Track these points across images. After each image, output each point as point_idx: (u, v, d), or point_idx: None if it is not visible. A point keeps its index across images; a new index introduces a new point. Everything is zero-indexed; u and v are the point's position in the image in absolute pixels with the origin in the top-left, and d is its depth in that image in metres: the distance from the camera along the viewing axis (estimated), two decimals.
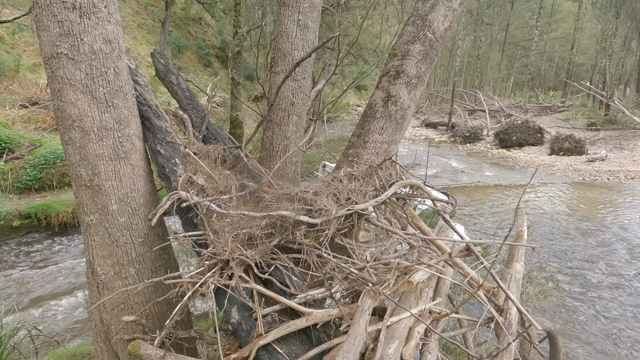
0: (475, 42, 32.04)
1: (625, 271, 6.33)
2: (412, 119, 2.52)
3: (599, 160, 15.58)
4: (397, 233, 1.94)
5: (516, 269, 2.26)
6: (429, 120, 26.41)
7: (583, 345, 4.69)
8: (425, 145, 20.28)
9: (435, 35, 2.38)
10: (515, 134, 19.21)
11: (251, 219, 2.17)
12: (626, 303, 5.47)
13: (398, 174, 2.10)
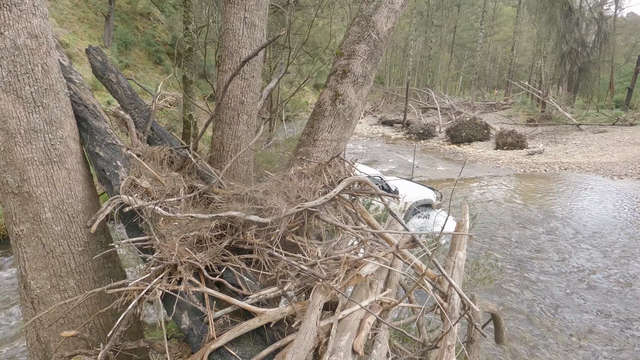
0: (427, 43, 33.51)
1: (559, 252, 6.96)
2: (360, 117, 2.59)
3: (537, 153, 16.97)
4: (345, 228, 1.99)
5: (459, 257, 2.41)
6: (386, 118, 27.22)
7: (523, 320, 5.10)
8: (383, 142, 20.90)
9: (379, 36, 2.46)
10: (465, 130, 20.35)
11: (200, 221, 2.12)
12: (558, 280, 6.02)
13: (346, 171, 2.15)
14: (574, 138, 18.65)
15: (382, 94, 33.66)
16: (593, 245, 7.33)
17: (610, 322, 5.06)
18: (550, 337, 4.80)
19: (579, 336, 4.83)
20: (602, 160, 14.90)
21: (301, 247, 2.06)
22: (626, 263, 6.60)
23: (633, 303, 5.47)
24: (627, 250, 7.08)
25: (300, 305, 1.95)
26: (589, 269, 6.41)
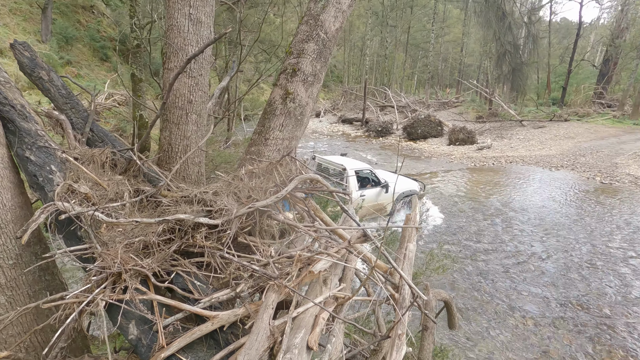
0: (382, 43, 34.41)
1: (505, 238, 7.48)
2: (311, 115, 2.61)
3: (486, 148, 18.08)
4: (296, 226, 2.00)
5: (409, 249, 2.51)
6: (345, 117, 27.61)
7: (473, 303, 5.43)
8: (343, 140, 21.19)
9: (327, 35, 2.49)
10: (420, 127, 21.18)
11: (146, 225, 2.03)
12: (505, 263, 6.48)
13: (298, 169, 2.16)
14: (517, 133, 20.09)
15: (341, 93, 34.11)
16: (534, 229, 7.96)
17: (550, 303, 5.53)
18: (498, 318, 5.15)
19: (523, 313, 5.23)
20: (541, 153, 16.20)
21: (254, 248, 2.04)
22: (563, 245, 7.24)
23: (568, 282, 6.02)
24: (561, 232, 7.76)
25: (254, 306, 1.93)
26: (532, 251, 6.95)
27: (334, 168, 8.18)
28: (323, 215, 2.23)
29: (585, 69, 31.39)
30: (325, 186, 2.15)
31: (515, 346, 4.64)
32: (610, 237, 7.65)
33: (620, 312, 5.30)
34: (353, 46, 44.22)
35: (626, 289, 5.84)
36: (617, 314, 5.25)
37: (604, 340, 4.75)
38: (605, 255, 6.89)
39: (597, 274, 6.27)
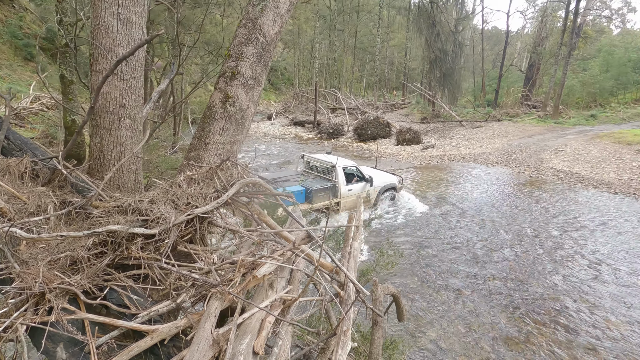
0: (331, 46, 35.06)
1: (448, 230, 7.98)
2: (253, 118, 2.59)
3: (430, 147, 19.13)
4: (238, 231, 1.98)
5: (354, 247, 2.59)
6: (297, 119, 27.67)
7: (422, 295, 5.73)
8: (295, 142, 21.22)
9: (266, 39, 2.49)
10: (370, 128, 21.86)
11: (74, 239, 1.88)
12: (449, 255, 6.91)
13: (239, 174, 2.14)
14: (458, 133, 21.51)
15: (293, 95, 34.16)
16: (472, 219, 8.59)
17: (484, 284, 6.00)
18: (445, 306, 5.48)
19: (464, 297, 5.61)
20: (479, 151, 17.52)
21: (195, 256, 1.99)
22: (495, 233, 7.89)
23: (503, 266, 6.57)
24: (495, 220, 8.47)
25: (196, 315, 1.88)
26: (473, 240, 7.48)
27: (323, 166, 8.78)
28: (267, 219, 2.22)
29: (514, 74, 34.54)
30: (268, 189, 2.15)
31: (458, 330, 4.97)
32: (536, 222, 8.49)
33: (536, 282, 5.89)
34: (303, 49, 44.52)
35: (542, 265, 6.52)
36: (532, 283, 5.83)
37: (517, 303, 5.26)
38: (529, 237, 7.63)
39: (524, 253, 6.92)
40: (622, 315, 5.23)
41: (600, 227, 8.28)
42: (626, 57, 27.10)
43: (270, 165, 14.56)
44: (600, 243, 7.50)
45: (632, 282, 6.05)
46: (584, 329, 4.95)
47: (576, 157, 14.96)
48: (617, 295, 5.70)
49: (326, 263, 2.29)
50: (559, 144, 17.11)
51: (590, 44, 38.93)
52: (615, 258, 6.87)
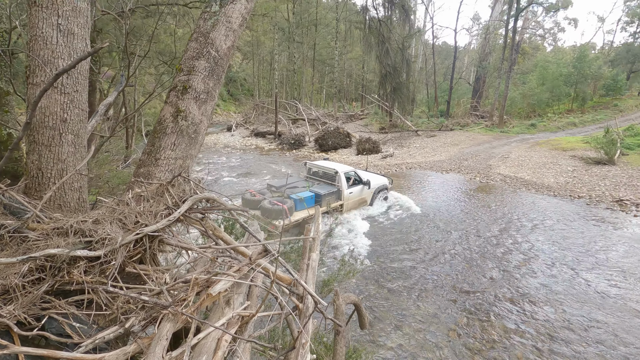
0: (291, 58, 35.39)
1: (407, 235, 8.27)
2: (206, 132, 2.56)
3: (389, 156, 19.79)
4: (191, 248, 1.94)
5: (312, 258, 2.62)
6: (258, 130, 27.48)
7: (382, 301, 5.85)
8: (257, 153, 21.01)
9: (219, 53, 2.49)
10: (331, 139, 22.22)
11: (6, 266, 1.73)
12: (405, 257, 7.15)
13: (192, 189, 2.09)
14: (414, 142, 22.47)
15: (253, 106, 33.92)
16: (431, 224, 8.96)
17: (446, 290, 6.26)
18: (404, 310, 5.63)
19: (422, 300, 5.81)
20: (434, 159, 18.39)
21: (145, 277, 1.90)
22: (450, 235, 8.30)
23: (462, 270, 6.90)
24: (451, 223, 8.91)
25: (147, 340, 1.79)
26: (430, 244, 7.79)
27: (325, 172, 9.68)
28: (223, 234, 2.19)
29: (463, 86, 36.88)
30: (223, 205, 2.13)
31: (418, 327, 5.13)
32: (485, 224, 9.04)
33: (487, 281, 6.27)
34: (262, 60, 44.51)
35: (484, 259, 6.95)
36: (482, 282, 6.20)
37: (472, 302, 5.56)
38: (479, 238, 8.11)
39: (477, 254, 7.33)
40: (550, 302, 5.68)
41: (539, 226, 8.98)
42: (558, 71, 29.97)
43: (232, 177, 14.28)
44: (538, 240, 8.12)
45: (561, 272, 6.61)
46: (528, 321, 5.31)
47: (520, 163, 16.18)
48: (546, 284, 6.19)
49: (284, 276, 2.29)
50: (504, 152, 18.42)
51: (528, 59, 42.64)
52: (547, 251, 7.47)
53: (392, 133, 24.98)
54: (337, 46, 29.80)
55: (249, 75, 49.00)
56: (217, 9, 2.51)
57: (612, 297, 5.86)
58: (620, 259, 7.17)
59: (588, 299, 5.81)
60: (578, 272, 6.65)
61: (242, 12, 2.57)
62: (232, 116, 39.17)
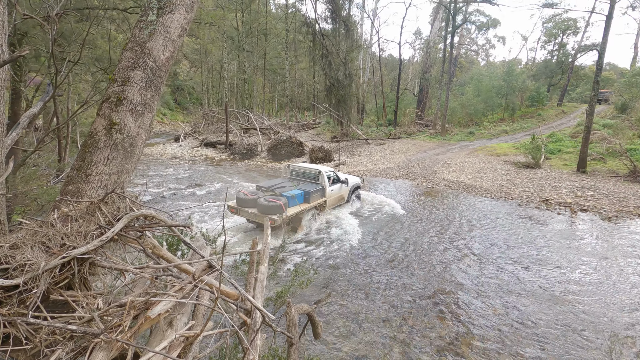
0: (241, 67, 34.96)
1: (357, 241, 8.46)
2: (143, 146, 2.44)
3: (341, 164, 20.19)
4: (127, 269, 1.82)
5: (261, 271, 2.58)
6: (208, 140, 26.65)
7: (336, 307, 5.91)
8: (207, 164, 20.32)
9: (157, 64, 2.40)
10: (283, 148, 22.19)
11: None
12: (356, 263, 7.31)
13: (128, 206, 1.98)
14: (365, 150, 23.19)
15: (202, 115, 32.88)
16: (382, 229, 9.27)
17: (397, 297, 6.49)
18: (358, 315, 5.73)
19: (374, 304, 5.96)
20: (384, 166, 19.11)
21: (73, 304, 1.75)
22: (399, 239, 8.64)
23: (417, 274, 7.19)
24: (401, 229, 9.29)
25: None
26: (381, 247, 8.04)
27: (308, 172, 10.70)
28: (163, 252, 2.09)
29: (409, 96, 38.95)
30: (163, 221, 2.03)
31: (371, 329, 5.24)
32: (430, 225, 9.56)
33: (435, 280, 6.63)
34: (211, 68, 43.45)
35: (429, 257, 7.37)
36: (432, 282, 6.55)
37: (420, 303, 5.84)
38: (427, 237, 8.55)
39: (424, 254, 7.71)
40: (481, 291, 6.15)
41: (477, 225, 9.69)
42: (491, 84, 32.85)
43: (179, 190, 13.64)
44: (475, 237, 8.76)
45: (490, 264, 7.18)
46: (466, 313, 5.67)
47: (461, 168, 17.37)
48: (477, 275, 6.70)
49: (231, 292, 2.24)
50: (447, 158, 19.67)
51: (465, 72, 46.22)
52: (481, 247, 8.09)
53: (344, 142, 25.58)
54: (287, 56, 30.03)
55: (197, 84, 47.50)
56: (154, 19, 2.43)
57: (527, 283, 6.48)
58: (540, 251, 7.96)
59: (510, 287, 6.36)
60: (504, 264, 7.26)
61: (181, 22, 2.51)
62: (180, 126, 37.64)
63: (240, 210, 8.79)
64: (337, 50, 6.61)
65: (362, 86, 34.70)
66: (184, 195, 12.87)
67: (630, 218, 10.31)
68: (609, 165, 15.54)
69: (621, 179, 13.80)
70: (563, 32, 43.50)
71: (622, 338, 4.96)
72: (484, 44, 57.42)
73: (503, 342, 4.95)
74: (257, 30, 34.32)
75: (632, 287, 6.37)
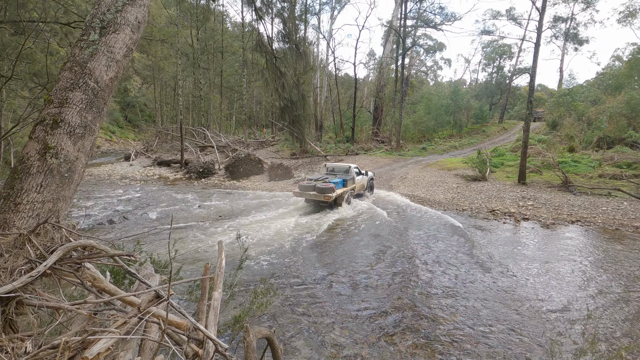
0: (197, 84, 34.27)
1: (317, 255, 8.45)
2: (84, 170, 2.30)
3: (301, 181, 20.23)
4: (60, 307, 1.68)
5: (214, 298, 2.49)
6: (162, 159, 25.58)
7: (295, 329, 5.81)
8: (160, 184, 19.40)
9: (99, 85, 2.30)
10: (242, 166, 21.84)
11: None
12: (316, 280, 7.28)
13: (64, 237, 1.83)
14: None
15: (155, 133, 31.57)
16: (341, 244, 9.34)
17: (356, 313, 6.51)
18: (316, 335, 5.66)
19: (334, 323, 5.93)
20: None
21: None
22: (359, 251, 8.76)
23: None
24: (362, 241, 9.43)
25: None
26: (342, 263, 8.08)
27: (340, 168, 15.05)
28: (105, 284, 1.95)
29: (365, 114, 40.33)
30: (104, 251, 1.91)
31: None
32: (388, 238, 9.82)
33: (395, 294, 6.77)
34: (165, 85, 42.14)
35: (388, 269, 7.55)
36: (391, 295, 6.68)
37: (379, 317, 5.92)
38: (387, 253, 8.75)
39: (384, 266, 7.86)
40: (433, 295, 6.40)
41: (432, 237, 10.12)
42: (440, 103, 35.05)
43: (130, 213, 12.85)
44: (430, 248, 9.13)
45: (443, 271, 7.52)
46: (424, 317, 5.83)
47: (416, 182, 18.14)
48: (429, 282, 6.98)
49: (181, 322, 2.13)
50: (403, 173, 20.47)
51: (416, 91, 48.90)
52: (434, 257, 8.46)
53: (303, 158, 25.75)
54: (244, 74, 29.99)
55: (150, 101, 45.70)
56: (96, 38, 2.34)
57: (477, 285, 6.85)
58: (484, 258, 8.47)
59: (457, 290, 6.68)
60: (457, 271, 7.62)
61: (126, 42, 2.44)
62: (131, 144, 35.82)
63: (302, 194, 12.94)
64: (292, 71, 6.73)
65: (320, 104, 35.40)
66: (135, 219, 12.14)
67: (565, 225, 11.32)
68: (545, 177, 17.04)
69: (555, 189, 15.16)
70: (500, 56, 47.88)
71: (560, 337, 5.35)
72: (432, 66, 61.43)
73: (452, 343, 5.13)
74: (213, 48, 34.01)
75: (571, 288, 6.93)
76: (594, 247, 9.33)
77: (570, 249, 9.12)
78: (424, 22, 32.03)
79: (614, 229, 10.85)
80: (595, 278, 7.43)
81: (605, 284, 7.13)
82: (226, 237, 10.05)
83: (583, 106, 27.15)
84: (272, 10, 6.60)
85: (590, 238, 10.13)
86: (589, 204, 13.07)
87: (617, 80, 30.26)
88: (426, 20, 31.79)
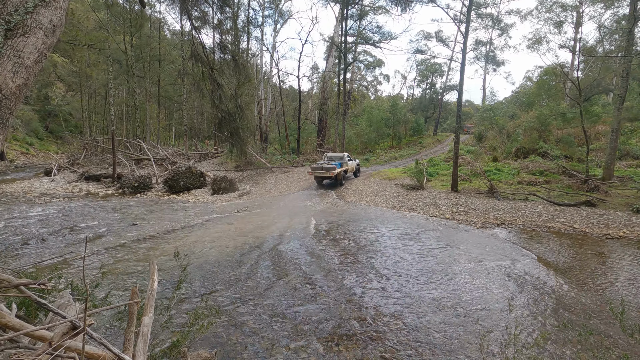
0: (131, 93, 32.12)
1: (264, 268, 8.27)
2: None
3: (246, 194, 19.80)
4: None
5: (144, 323, 2.30)
6: (90, 173, 23.40)
7: (241, 348, 5.59)
8: (88, 200, 17.67)
9: (3, 93, 2.04)
10: (182, 179, 20.78)
11: None
12: (263, 294, 7.12)
13: None
14: (270, 179, 23.26)
15: (83, 145, 28.83)
16: (290, 253, 9.25)
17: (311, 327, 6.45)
18: (263, 352, 5.49)
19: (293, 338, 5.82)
20: (289, 193, 19.38)
21: None
22: (304, 260, 8.75)
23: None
24: (312, 250, 9.42)
25: None
26: (290, 274, 7.97)
27: (337, 156, 21.03)
28: (8, 319, 1.70)
29: (310, 126, 40.95)
30: (6, 281, 1.67)
31: None
32: (333, 246, 9.97)
33: (341, 303, 6.86)
34: (94, 93, 38.87)
35: (340, 277, 7.67)
36: (339, 305, 6.76)
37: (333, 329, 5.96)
38: (351, 253, 8.86)
39: (330, 273, 7.92)
40: (374, 298, 6.64)
41: (376, 242, 10.49)
42: (380, 116, 36.84)
43: (51, 234, 11.48)
44: (375, 254, 9.45)
45: (389, 275, 7.84)
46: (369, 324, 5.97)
47: (360, 192, 18.72)
48: (367, 285, 7.23)
49: (103, 354, 1.93)
50: (347, 183, 21.02)
51: (358, 105, 50.87)
52: (372, 262, 8.79)
53: (248, 170, 25.27)
54: (184, 83, 28.84)
55: (76, 110, 41.72)
56: (0, 41, 2.09)
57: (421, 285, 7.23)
58: (416, 260, 9.00)
59: (406, 292, 6.99)
60: (389, 275, 7.97)
61: (38, 47, 2.22)
62: (53, 157, 32.31)
63: (314, 172, 19.31)
64: (230, 83, 6.62)
65: (264, 115, 35.20)
66: (56, 240, 10.88)
67: (492, 227, 12.44)
68: (474, 184, 18.65)
69: (483, 195, 16.65)
70: (432, 73, 51.97)
71: (490, 333, 5.81)
72: (372, 80, 64.61)
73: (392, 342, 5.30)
74: (149, 55, 32.26)
75: (502, 287, 7.58)
76: (512, 246, 10.35)
77: (500, 250, 10.00)
78: (364, 39, 33.71)
79: (532, 230, 12.17)
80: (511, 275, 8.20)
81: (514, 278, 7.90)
82: (165, 256, 9.43)
83: (503, 120, 30.39)
84: (210, 21, 6.46)
85: (513, 238, 11.22)
86: (510, 208, 14.53)
87: (529, 98, 34.45)
88: (365, 37, 33.49)
